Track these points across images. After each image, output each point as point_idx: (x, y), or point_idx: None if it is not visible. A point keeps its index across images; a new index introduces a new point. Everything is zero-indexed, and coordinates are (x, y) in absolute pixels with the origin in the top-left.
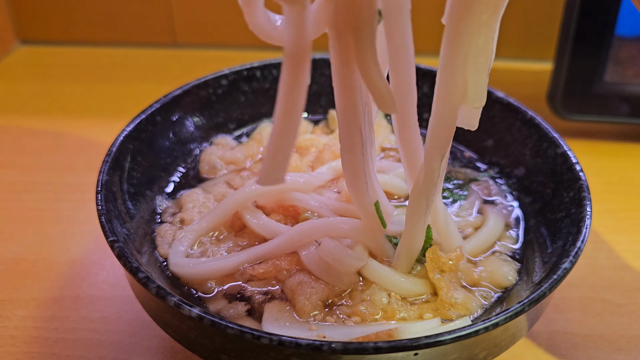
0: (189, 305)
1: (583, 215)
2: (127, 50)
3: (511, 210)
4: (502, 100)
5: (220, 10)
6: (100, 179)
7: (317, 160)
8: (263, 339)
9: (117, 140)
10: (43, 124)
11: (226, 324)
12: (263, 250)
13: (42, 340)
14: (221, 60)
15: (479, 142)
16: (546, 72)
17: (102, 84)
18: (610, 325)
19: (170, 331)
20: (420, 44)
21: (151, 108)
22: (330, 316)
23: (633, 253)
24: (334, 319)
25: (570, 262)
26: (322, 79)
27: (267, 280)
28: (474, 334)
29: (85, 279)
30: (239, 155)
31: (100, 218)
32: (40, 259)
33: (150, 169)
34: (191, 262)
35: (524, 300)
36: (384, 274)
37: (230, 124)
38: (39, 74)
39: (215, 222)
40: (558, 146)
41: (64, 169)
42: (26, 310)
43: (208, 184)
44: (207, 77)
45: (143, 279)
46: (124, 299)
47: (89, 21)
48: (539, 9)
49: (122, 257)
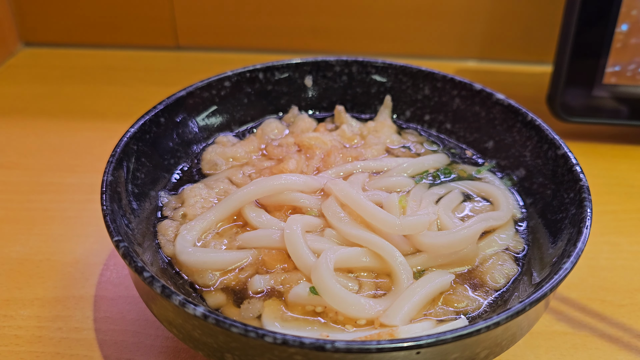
0: (193, 304)
1: (583, 216)
2: (130, 53)
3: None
4: (502, 102)
5: (223, 12)
6: (105, 180)
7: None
8: (267, 338)
9: (121, 141)
10: (47, 125)
11: (231, 323)
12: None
13: (46, 339)
14: (224, 62)
15: (480, 143)
16: (546, 75)
17: (105, 85)
18: (610, 326)
19: (174, 330)
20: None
21: (155, 109)
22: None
23: (633, 254)
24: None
25: (571, 263)
26: (324, 81)
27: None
28: (475, 332)
29: (89, 279)
30: (239, 151)
31: (105, 218)
32: (44, 259)
33: (154, 169)
34: (200, 251)
35: (525, 300)
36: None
37: (234, 125)
38: (43, 76)
39: (220, 217)
40: (558, 147)
41: (67, 170)
42: (30, 310)
43: (210, 180)
44: (211, 78)
45: (148, 278)
46: (128, 298)
47: (92, 23)
48: (539, 11)
49: (127, 257)
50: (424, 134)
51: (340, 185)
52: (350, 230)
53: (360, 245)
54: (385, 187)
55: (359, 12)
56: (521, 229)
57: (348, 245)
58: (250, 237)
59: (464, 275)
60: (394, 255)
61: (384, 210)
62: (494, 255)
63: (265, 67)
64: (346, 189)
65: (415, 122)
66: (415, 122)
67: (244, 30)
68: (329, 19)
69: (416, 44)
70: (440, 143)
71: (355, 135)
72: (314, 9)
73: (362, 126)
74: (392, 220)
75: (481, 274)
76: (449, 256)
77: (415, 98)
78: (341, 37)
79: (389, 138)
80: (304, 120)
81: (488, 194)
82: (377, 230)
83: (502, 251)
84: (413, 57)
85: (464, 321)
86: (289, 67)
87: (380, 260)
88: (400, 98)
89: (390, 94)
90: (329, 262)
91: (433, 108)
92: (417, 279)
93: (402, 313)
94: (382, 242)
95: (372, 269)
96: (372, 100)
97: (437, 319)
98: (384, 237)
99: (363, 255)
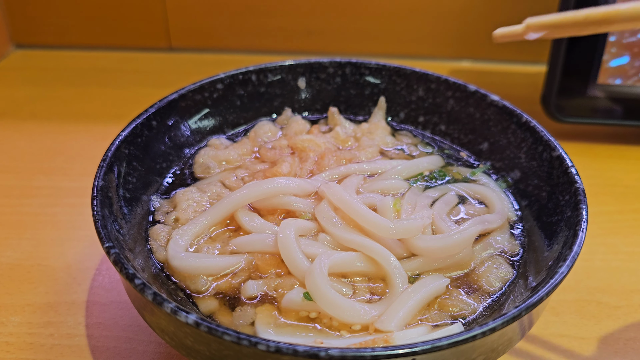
0: (185, 312)
1: (579, 219)
2: (123, 54)
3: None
4: (497, 103)
5: (215, 14)
6: (96, 185)
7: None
8: (260, 346)
9: (112, 145)
10: (38, 128)
11: (223, 331)
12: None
13: (37, 346)
14: (217, 63)
15: (474, 145)
16: (540, 75)
17: (97, 87)
18: (606, 328)
19: (167, 338)
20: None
21: (147, 112)
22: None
23: (629, 255)
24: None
25: (567, 267)
26: (317, 83)
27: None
28: (471, 339)
29: (81, 284)
30: (232, 154)
31: (96, 224)
32: (36, 264)
33: (146, 173)
34: (192, 256)
35: (520, 305)
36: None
37: (226, 127)
38: (34, 78)
39: (212, 222)
40: (553, 149)
41: (59, 173)
42: (21, 316)
43: (202, 183)
44: (203, 81)
45: (139, 285)
46: (120, 304)
47: (84, 25)
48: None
49: (118, 264)
50: (418, 136)
51: (333, 188)
52: (344, 235)
53: (355, 250)
54: (379, 190)
55: (353, 13)
56: (516, 232)
57: (342, 250)
58: (244, 241)
59: (459, 279)
60: (389, 259)
61: (377, 214)
62: (489, 258)
63: (258, 69)
64: (339, 192)
65: (410, 123)
66: (409, 124)
67: (237, 31)
68: (323, 20)
69: (410, 45)
70: (435, 145)
71: (349, 137)
72: (308, 9)
73: (356, 128)
74: (386, 224)
75: (476, 278)
76: (444, 260)
77: (409, 99)
78: (335, 38)
79: (383, 140)
80: (297, 123)
81: (483, 197)
82: (371, 234)
83: (497, 254)
84: (407, 57)
85: (459, 326)
86: (282, 69)
87: (374, 264)
88: (394, 99)
89: (384, 96)
90: (323, 267)
91: (427, 109)
92: (412, 283)
93: (397, 318)
94: (376, 246)
95: (367, 273)
96: (366, 101)
97: (432, 324)
98: (378, 241)
99: (357, 259)
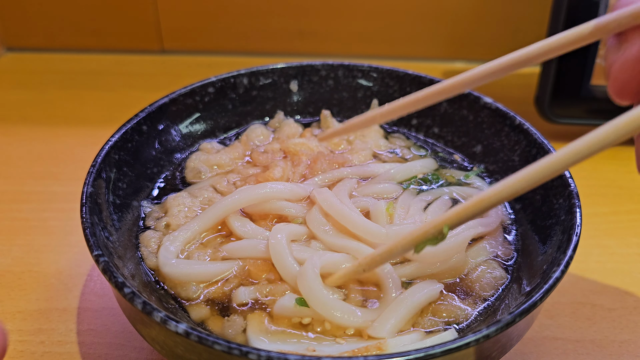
0: (175, 321)
1: (573, 223)
2: (115, 57)
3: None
4: (490, 105)
5: (208, 15)
6: (85, 191)
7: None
8: (251, 355)
9: (102, 151)
10: (29, 131)
11: (214, 340)
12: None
13: (28, 354)
14: (210, 65)
15: (468, 147)
16: (534, 76)
17: (89, 90)
18: (601, 330)
19: (157, 346)
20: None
21: (137, 117)
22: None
23: (623, 256)
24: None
25: (561, 272)
26: (309, 86)
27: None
28: (464, 346)
29: (72, 291)
30: (224, 158)
31: (85, 231)
32: (26, 270)
33: (136, 179)
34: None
35: (514, 312)
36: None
37: (218, 131)
38: (25, 81)
39: (204, 227)
40: (547, 152)
41: (50, 178)
42: (12, 324)
43: (194, 188)
44: (194, 84)
45: (129, 294)
46: (112, 310)
47: (76, 27)
48: (526, 12)
49: (107, 272)
50: (412, 139)
51: (324, 195)
52: (335, 241)
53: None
54: (372, 194)
55: (346, 14)
56: (510, 236)
57: None
58: (235, 247)
59: (452, 285)
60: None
61: (369, 220)
62: (483, 263)
63: (249, 72)
64: (330, 198)
65: (403, 126)
66: (402, 127)
67: (230, 33)
68: (316, 21)
69: (404, 46)
70: (428, 147)
71: (341, 140)
72: (300, 11)
73: None
74: (378, 230)
75: (470, 283)
76: (438, 265)
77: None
78: (328, 40)
79: (376, 143)
80: (289, 126)
81: None
82: (364, 239)
83: (491, 259)
84: (401, 59)
85: (453, 333)
86: (274, 72)
87: None
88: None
89: (377, 98)
90: (315, 267)
91: (420, 112)
92: (406, 288)
93: (390, 325)
94: (368, 250)
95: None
96: (358, 104)
97: (425, 330)
98: (371, 245)
99: (349, 261)
